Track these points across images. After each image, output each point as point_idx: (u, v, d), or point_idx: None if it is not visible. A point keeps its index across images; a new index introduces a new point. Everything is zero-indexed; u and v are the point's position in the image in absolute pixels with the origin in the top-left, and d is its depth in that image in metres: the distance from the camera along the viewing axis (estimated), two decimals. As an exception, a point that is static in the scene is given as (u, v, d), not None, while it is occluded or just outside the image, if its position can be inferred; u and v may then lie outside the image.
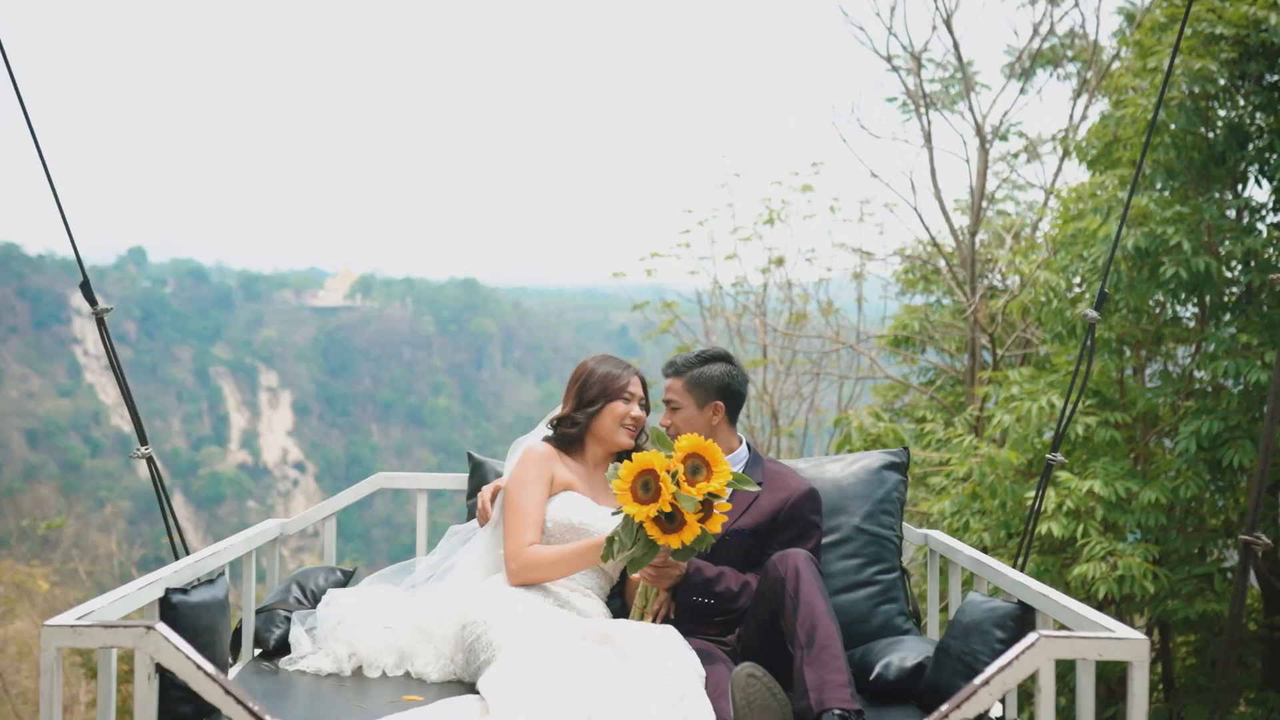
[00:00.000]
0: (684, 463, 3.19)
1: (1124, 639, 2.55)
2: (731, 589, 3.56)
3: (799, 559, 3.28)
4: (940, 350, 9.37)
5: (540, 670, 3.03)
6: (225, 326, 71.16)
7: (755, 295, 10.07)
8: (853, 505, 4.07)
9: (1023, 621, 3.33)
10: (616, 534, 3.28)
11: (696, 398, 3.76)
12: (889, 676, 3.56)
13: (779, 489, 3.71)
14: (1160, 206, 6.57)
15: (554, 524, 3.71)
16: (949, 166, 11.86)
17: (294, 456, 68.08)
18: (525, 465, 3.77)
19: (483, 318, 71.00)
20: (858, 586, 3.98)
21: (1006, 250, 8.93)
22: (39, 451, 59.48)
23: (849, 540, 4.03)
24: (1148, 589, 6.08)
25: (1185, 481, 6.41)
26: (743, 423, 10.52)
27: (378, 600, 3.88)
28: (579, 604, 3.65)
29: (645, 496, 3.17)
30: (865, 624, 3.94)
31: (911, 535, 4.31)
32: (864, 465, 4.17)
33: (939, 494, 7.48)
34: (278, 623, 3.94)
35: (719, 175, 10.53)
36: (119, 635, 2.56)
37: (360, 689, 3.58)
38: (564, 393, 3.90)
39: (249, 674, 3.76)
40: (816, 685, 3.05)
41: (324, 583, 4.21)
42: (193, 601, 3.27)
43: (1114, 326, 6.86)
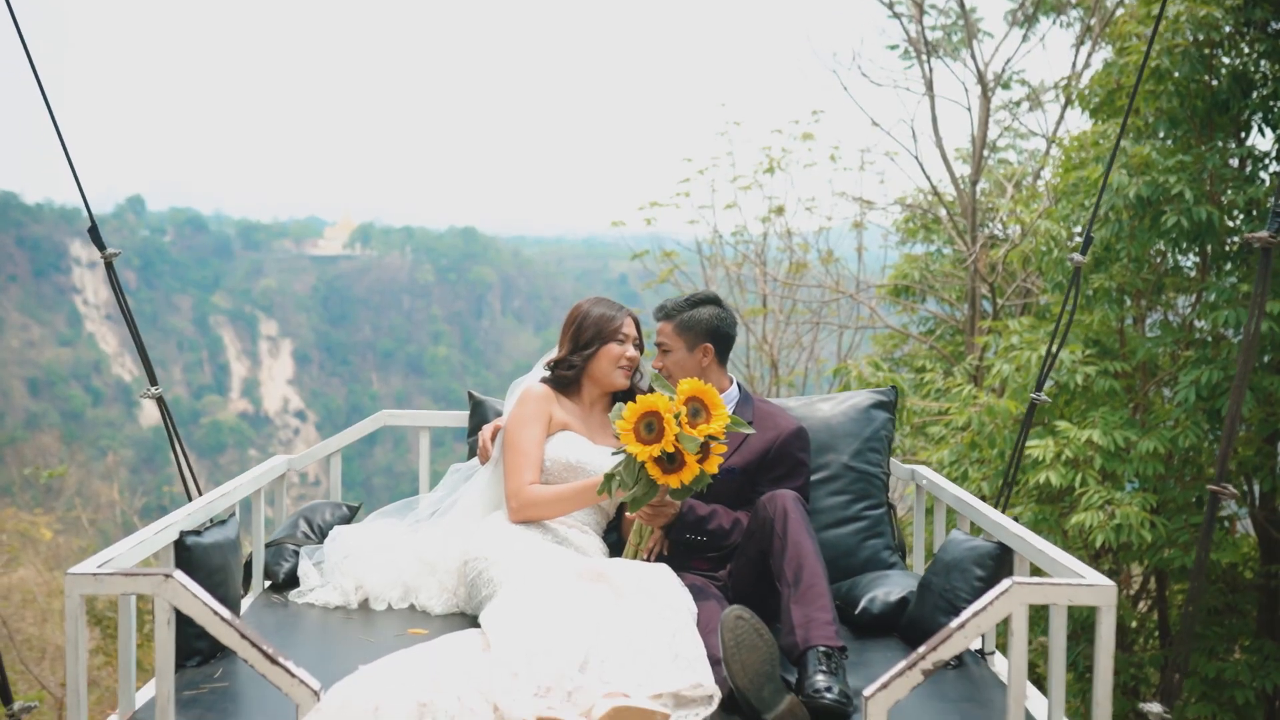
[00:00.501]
0: (686, 405, 3.30)
1: (1094, 585, 2.64)
2: (723, 526, 3.68)
3: (787, 500, 3.38)
4: (940, 300, 9.36)
5: (538, 608, 3.12)
6: (225, 275, 71.04)
7: (755, 245, 10.04)
8: (841, 443, 4.18)
9: (1001, 561, 3.46)
10: (617, 472, 3.40)
11: (686, 340, 3.84)
12: (873, 610, 3.72)
13: (768, 428, 3.81)
14: (1162, 155, 6.54)
15: (552, 463, 3.81)
16: (950, 115, 11.86)
17: (295, 405, 68.20)
18: (524, 406, 3.87)
19: (482, 266, 70.87)
20: (845, 522, 4.12)
21: (1008, 199, 8.89)
22: (40, 400, 59.58)
23: (838, 477, 4.15)
24: (1145, 538, 6.10)
25: (1184, 431, 6.42)
26: (742, 371, 10.52)
27: (382, 535, 4.01)
28: (576, 540, 3.77)
29: (648, 437, 3.28)
30: (852, 558, 4.08)
31: (899, 471, 4.44)
32: (853, 404, 4.28)
33: (937, 443, 7.50)
34: (286, 556, 4.10)
35: (718, 123, 10.54)
36: (139, 583, 2.66)
37: (367, 622, 3.71)
38: (560, 337, 3.99)
39: (260, 607, 3.90)
40: (803, 623, 3.15)
41: (330, 518, 4.36)
42: (206, 543, 3.37)
43: (1114, 276, 6.84)
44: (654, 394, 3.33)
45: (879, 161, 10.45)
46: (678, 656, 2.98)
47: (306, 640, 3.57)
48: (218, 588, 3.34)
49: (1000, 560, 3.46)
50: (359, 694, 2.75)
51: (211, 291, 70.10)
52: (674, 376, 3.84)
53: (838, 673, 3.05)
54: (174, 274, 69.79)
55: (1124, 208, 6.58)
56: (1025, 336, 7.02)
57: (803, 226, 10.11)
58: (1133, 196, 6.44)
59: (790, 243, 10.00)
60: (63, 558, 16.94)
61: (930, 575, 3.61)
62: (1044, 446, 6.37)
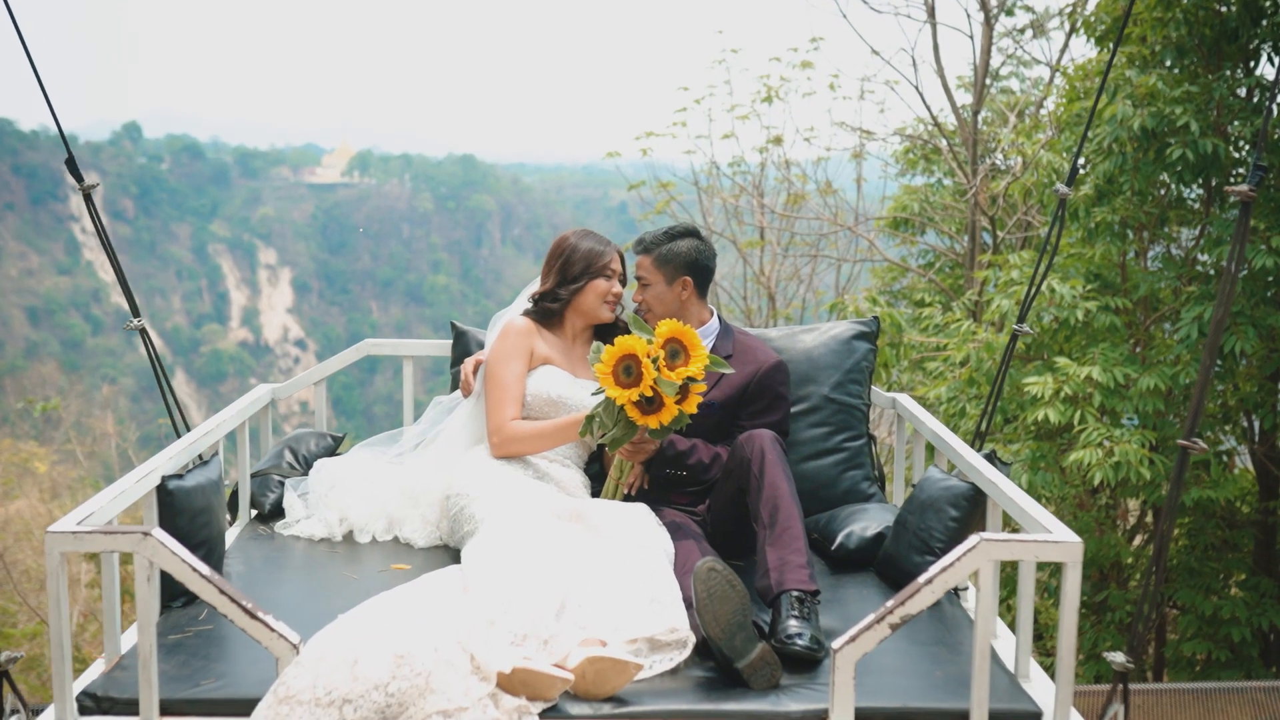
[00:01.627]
0: (664, 348, 3.29)
1: (1060, 542, 2.62)
2: (703, 461, 3.70)
3: (764, 440, 3.37)
4: (940, 232, 9.22)
5: (517, 550, 3.11)
6: (222, 204, 70.65)
7: (753, 176, 9.88)
8: (822, 375, 4.18)
9: (975, 503, 3.45)
10: (597, 414, 3.40)
11: (665, 274, 3.81)
12: (850, 546, 3.73)
13: (748, 362, 3.81)
14: (1169, 85, 6.38)
15: (533, 398, 3.79)
16: (952, 42, 11.64)
17: (295, 334, 68.15)
18: (505, 340, 3.84)
19: (481, 194, 70.44)
20: (825, 454, 4.11)
21: (1010, 130, 8.73)
22: (40, 329, 59.52)
23: (818, 409, 4.14)
24: (1144, 475, 6.03)
25: (1185, 368, 6.33)
26: (739, 304, 10.42)
27: (366, 467, 4.01)
28: (557, 475, 3.76)
29: (627, 380, 3.28)
30: (831, 489, 4.08)
31: (879, 399, 4.42)
32: (834, 335, 4.27)
33: (935, 379, 7.41)
34: (272, 487, 4.11)
35: (716, 51, 10.27)
36: (118, 540, 2.65)
37: (351, 554, 3.74)
38: (544, 268, 3.94)
39: (246, 538, 3.91)
40: (777, 565, 3.15)
41: (315, 448, 4.36)
42: (189, 486, 3.35)
43: (1117, 209, 6.72)
44: (631, 336, 3.31)
45: (879, 91, 10.25)
46: (653, 600, 2.99)
47: (291, 576, 3.58)
48: (201, 529, 3.36)
49: (974, 502, 3.46)
50: (337, 647, 2.71)
51: (209, 220, 69.75)
52: (653, 310, 3.83)
53: (810, 618, 3.06)
54: (171, 202, 69.40)
55: (1128, 139, 6.44)
56: (1025, 271, 6.91)
57: (801, 157, 9.95)
58: (1137, 128, 6.29)
59: (788, 174, 9.84)
60: (60, 488, 16.97)
61: (905, 513, 3.62)
62: (1043, 383, 6.29)
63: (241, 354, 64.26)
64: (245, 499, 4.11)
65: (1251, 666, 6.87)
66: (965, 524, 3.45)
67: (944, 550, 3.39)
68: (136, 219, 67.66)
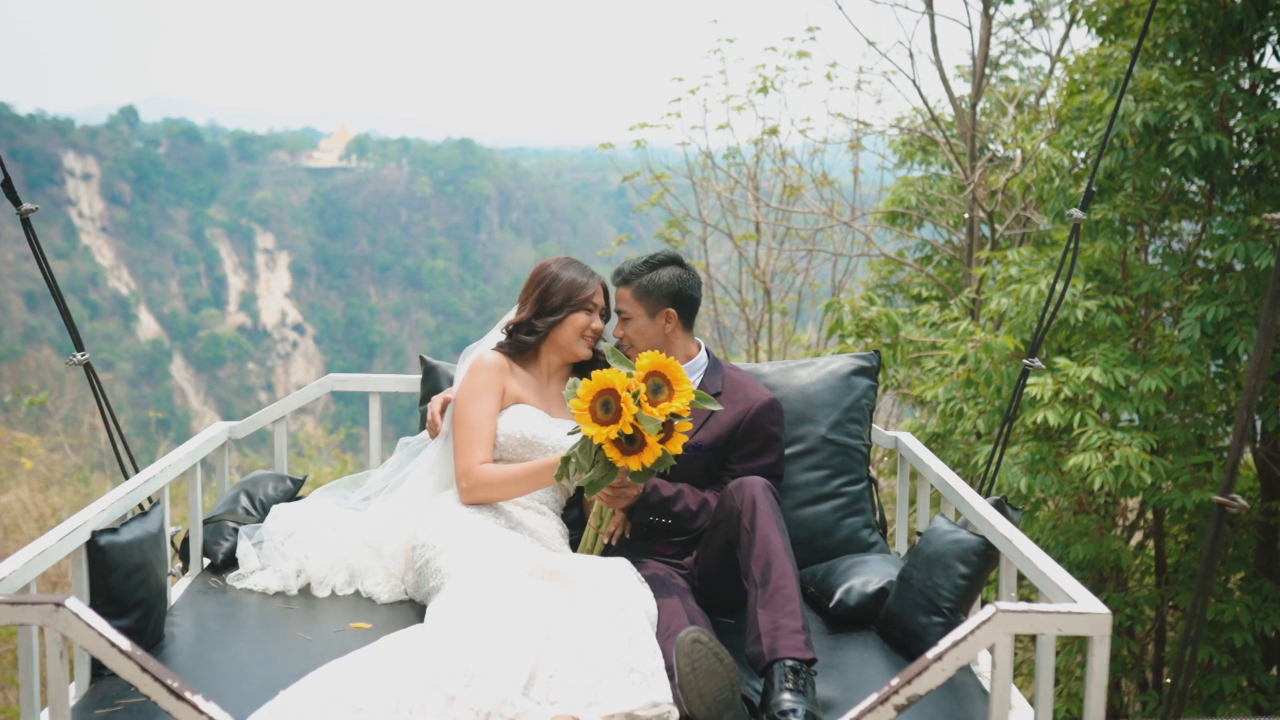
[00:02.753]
0: (645, 382, 3.06)
1: (1087, 613, 2.38)
2: (689, 508, 3.46)
3: (756, 489, 3.13)
4: (937, 225, 9.08)
5: (483, 613, 2.88)
6: (220, 188, 70.49)
7: (748, 168, 9.73)
8: (819, 414, 3.92)
9: (986, 558, 3.21)
10: (574, 455, 3.15)
11: (647, 306, 3.59)
12: (850, 602, 3.45)
13: (739, 400, 3.56)
14: (1171, 79, 6.23)
15: (505, 438, 3.56)
16: (948, 30, 11.36)
17: (292, 319, 68.05)
18: (475, 376, 3.60)
19: (480, 179, 70.28)
20: (823, 499, 3.87)
21: (1009, 121, 8.58)
22: (38, 314, 59.42)
23: (814, 451, 3.89)
24: (1145, 479, 5.90)
25: (1187, 368, 6.19)
26: (734, 297, 10.29)
27: (327, 514, 3.76)
28: (532, 523, 3.52)
29: (605, 417, 3.05)
30: (829, 537, 3.84)
31: (881, 439, 4.15)
32: (832, 371, 4.02)
33: (930, 372, 7.28)
34: (226, 534, 3.85)
35: (710, 40, 10.12)
36: (26, 612, 2.28)
37: (308, 610, 3.47)
38: (521, 295, 3.72)
39: (197, 591, 3.65)
40: (769, 630, 2.90)
41: (273, 492, 4.09)
42: (123, 541, 3.06)
43: (1118, 206, 6.57)
44: (610, 370, 3.06)
45: (876, 81, 10.10)
46: (633, 670, 2.76)
47: (240, 637, 3.30)
48: (138, 589, 3.09)
49: (985, 557, 3.21)
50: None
51: (207, 204, 69.61)
52: (636, 346, 3.58)
53: (805, 690, 2.81)
54: (169, 186, 69.25)
55: (1129, 135, 6.29)
56: (1025, 269, 6.77)
57: (797, 148, 9.80)
58: (1139, 124, 6.14)
59: (784, 165, 9.70)
60: (54, 479, 16.86)
61: (910, 568, 3.34)
62: (1042, 385, 6.15)
63: (239, 339, 64.19)
64: (197, 548, 3.85)
65: (1254, 671, 6.75)
66: (976, 582, 3.22)
67: (952, 610, 3.19)
68: (134, 203, 67.53)
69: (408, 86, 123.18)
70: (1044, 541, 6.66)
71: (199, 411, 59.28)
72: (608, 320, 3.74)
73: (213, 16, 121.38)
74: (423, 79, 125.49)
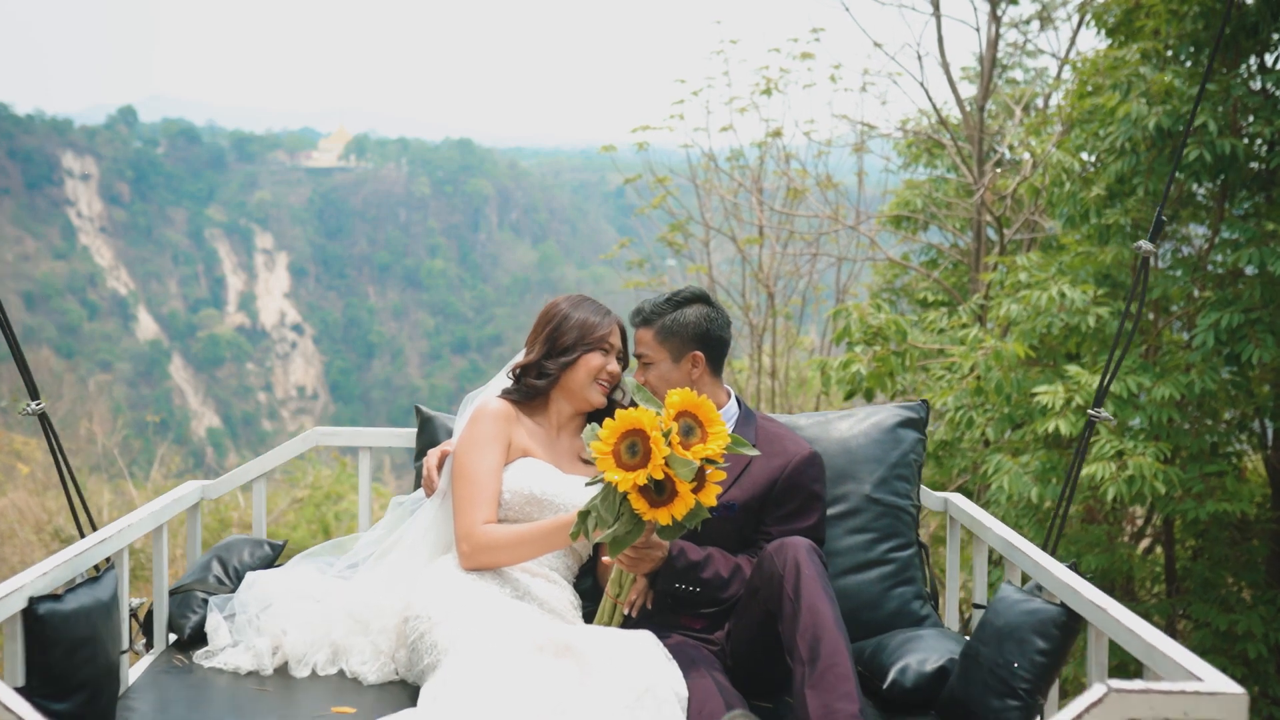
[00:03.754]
0: (676, 421, 2.73)
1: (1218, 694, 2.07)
2: (720, 575, 3.06)
3: (800, 551, 2.79)
4: (943, 229, 8.98)
5: (486, 697, 2.60)
6: (219, 188, 70.46)
7: (751, 171, 9.63)
8: (863, 470, 3.53)
9: (1069, 631, 2.84)
10: (594, 507, 2.79)
11: (671, 349, 3.23)
12: (905, 684, 3.08)
13: (775, 454, 3.18)
14: (1185, 83, 6.12)
15: (512, 495, 3.20)
16: (955, 32, 11.23)
17: (291, 319, 68.01)
18: (477, 426, 3.24)
19: (479, 179, 70.24)
20: (868, 566, 3.49)
21: (1015, 123, 8.47)
22: (36, 314, 59.39)
23: (858, 512, 3.51)
24: (1159, 489, 5.79)
25: (1201, 376, 6.09)
26: (738, 301, 10.18)
27: (308, 583, 3.36)
28: (541, 592, 3.16)
29: (632, 461, 2.69)
30: (877, 610, 3.44)
31: (930, 500, 3.74)
32: (876, 423, 3.62)
33: (938, 379, 7.17)
34: (194, 606, 3.44)
35: (713, 42, 10.00)
36: None
37: (285, 693, 3.12)
38: (529, 337, 3.40)
39: (159, 671, 3.28)
40: (821, 714, 2.60)
41: (249, 559, 3.69)
42: (66, 611, 2.69)
43: (1129, 210, 6.47)
44: (637, 409, 2.72)
45: (880, 83, 10.00)
46: None
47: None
48: (82, 666, 2.72)
49: (1068, 630, 2.82)
50: None
51: (206, 204, 69.58)
52: (657, 393, 3.19)
53: None
54: (167, 186, 69.23)
55: (1141, 139, 6.19)
56: (1034, 274, 6.66)
57: (801, 151, 9.70)
58: (1152, 128, 6.04)
59: (788, 168, 9.59)
60: (52, 483, 16.76)
61: (978, 643, 2.94)
62: (1053, 393, 6.04)
63: (238, 339, 64.16)
64: (162, 621, 3.44)
65: (1267, 683, 6.65)
66: (1056, 658, 2.84)
67: (1030, 692, 2.82)
68: (132, 203, 67.49)
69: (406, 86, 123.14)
70: (1055, 553, 6.55)
71: (198, 412, 59.25)
72: (625, 366, 3.42)
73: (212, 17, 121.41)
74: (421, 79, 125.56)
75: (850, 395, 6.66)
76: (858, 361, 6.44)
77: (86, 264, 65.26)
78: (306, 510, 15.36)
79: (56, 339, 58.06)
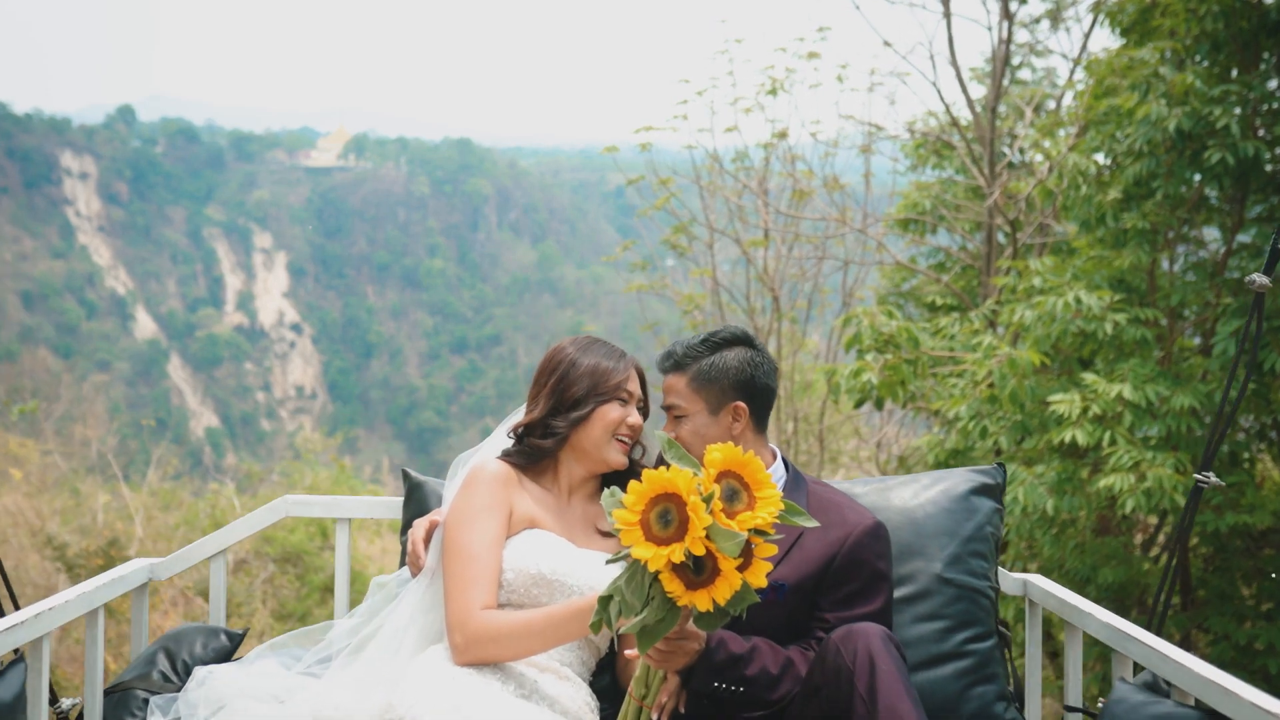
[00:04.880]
0: (718, 483, 2.22)
1: None
2: (769, 671, 2.56)
3: (873, 641, 2.38)
4: (952, 232, 8.82)
5: None
6: (217, 187, 70.31)
7: (756, 172, 9.48)
8: (931, 546, 3.04)
9: None
10: (617, 590, 2.27)
11: (708, 399, 2.75)
12: None
13: (831, 524, 2.72)
14: (1206, 83, 5.96)
15: (515, 574, 2.69)
16: (964, 32, 11.03)
17: (290, 318, 67.86)
18: (473, 492, 2.75)
19: (478, 178, 70.10)
20: (941, 660, 2.98)
21: (1025, 125, 8.32)
22: (35, 314, 59.26)
23: (928, 595, 3.01)
24: (1178, 501, 5.63)
25: (1220, 386, 5.93)
26: (741, 304, 10.02)
27: (270, 682, 2.84)
28: (552, 691, 2.64)
29: (664, 533, 2.18)
30: (953, 713, 2.96)
31: (1006, 582, 3.20)
32: (944, 490, 3.11)
33: (950, 387, 7.02)
34: (134, 708, 2.92)
35: (718, 41, 9.83)
36: None
37: None
38: (531, 389, 2.90)
39: None
40: None
41: (201, 650, 3.14)
42: None
43: (1147, 215, 6.31)
44: (669, 469, 2.23)
45: (888, 83, 9.84)
46: None
47: None
48: None
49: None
50: None
51: (204, 203, 69.44)
52: (691, 451, 2.72)
53: None
54: (166, 185, 69.09)
55: (1160, 142, 6.03)
56: (1048, 279, 6.50)
57: (807, 152, 9.55)
58: (1172, 130, 5.88)
59: (794, 169, 9.44)
60: (48, 484, 16.63)
61: None
62: (1069, 401, 5.89)
63: (237, 338, 64.03)
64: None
65: (1287, 698, 6.50)
66: None
67: None
68: (130, 202, 67.37)
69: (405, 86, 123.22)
70: (1071, 565, 6.40)
71: (196, 412, 59.11)
72: (647, 415, 2.91)
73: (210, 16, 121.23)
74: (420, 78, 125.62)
75: (860, 404, 6.51)
76: (868, 370, 6.28)
77: (85, 263, 65.12)
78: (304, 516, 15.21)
79: (54, 338, 57.93)
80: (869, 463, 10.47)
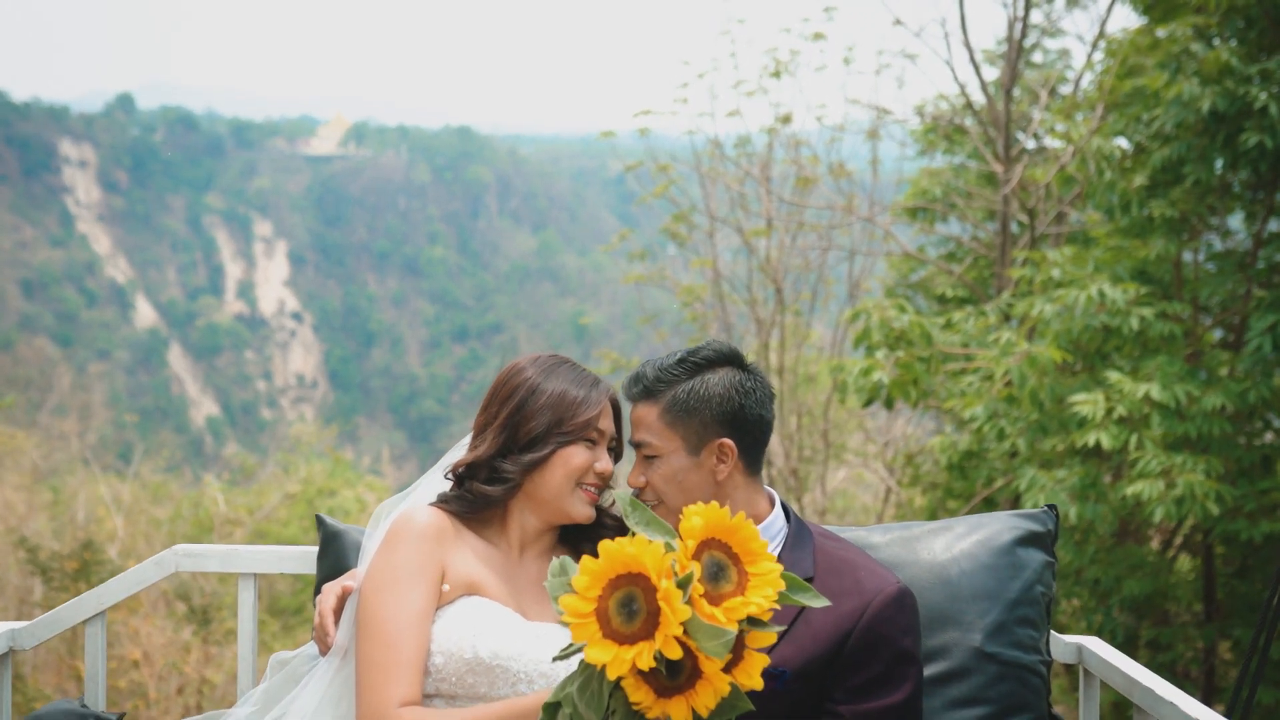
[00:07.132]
0: (698, 558, 1.65)
1: None
2: None
3: None
4: (964, 220, 8.46)
5: None
6: (217, 175, 70.06)
7: (759, 158, 9.13)
8: (969, 612, 2.41)
9: None
10: (568, 700, 1.70)
11: (686, 435, 2.16)
12: None
13: (844, 591, 2.13)
14: (1242, 61, 5.58)
15: (445, 659, 2.10)
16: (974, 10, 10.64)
17: (291, 307, 67.62)
18: (395, 552, 2.15)
19: (478, 166, 69.82)
20: None
21: (1040, 108, 7.94)
22: (34, 303, 59.07)
23: (965, 674, 2.38)
24: (1211, 510, 5.25)
25: (1254, 384, 5.56)
26: (742, 295, 9.65)
27: None
28: None
29: (628, 629, 1.61)
30: None
31: (1056, 647, 2.59)
32: (983, 540, 2.49)
33: (965, 385, 6.65)
34: None
35: (720, 21, 9.51)
36: None
37: None
38: (479, 417, 2.29)
39: None
40: None
41: None
42: None
43: (1175, 202, 5.94)
44: (632, 538, 1.65)
45: (896, 64, 9.48)
46: None
47: None
48: None
49: None
50: None
51: (204, 191, 69.20)
52: (666, 501, 2.18)
53: None
54: (166, 173, 68.84)
55: (1192, 124, 5.65)
56: (1067, 270, 6.13)
57: (812, 137, 9.20)
58: (1205, 111, 5.50)
59: (798, 154, 9.08)
60: (41, 474, 16.35)
61: None
62: (1093, 402, 5.52)
63: (237, 327, 63.81)
64: None
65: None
66: None
67: None
68: (130, 190, 67.11)
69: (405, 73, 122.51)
70: (1093, 574, 6.04)
71: (197, 401, 58.91)
72: (620, 455, 2.33)
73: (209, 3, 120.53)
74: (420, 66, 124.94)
75: (869, 403, 6.14)
76: (879, 368, 5.91)
77: (84, 252, 64.91)
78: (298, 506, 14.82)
79: (54, 327, 57.72)
80: (875, 460, 10.13)
